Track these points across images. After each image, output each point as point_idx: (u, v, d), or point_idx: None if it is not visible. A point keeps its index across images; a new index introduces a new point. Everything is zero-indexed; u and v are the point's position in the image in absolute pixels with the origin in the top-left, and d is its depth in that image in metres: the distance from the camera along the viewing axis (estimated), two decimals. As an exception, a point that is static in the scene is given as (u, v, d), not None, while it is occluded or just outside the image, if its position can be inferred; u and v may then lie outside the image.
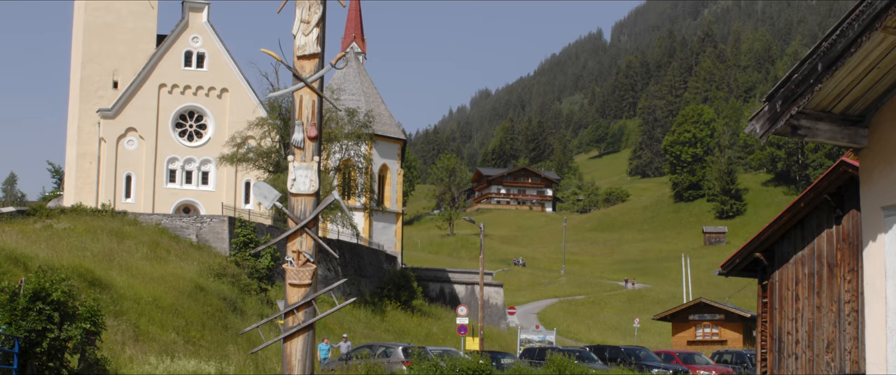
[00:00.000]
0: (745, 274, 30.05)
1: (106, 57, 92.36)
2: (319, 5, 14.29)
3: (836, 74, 13.27)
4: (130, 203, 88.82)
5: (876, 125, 14.04)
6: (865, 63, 13.31)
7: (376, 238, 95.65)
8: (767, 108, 13.91)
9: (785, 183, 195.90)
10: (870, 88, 13.77)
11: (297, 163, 14.21)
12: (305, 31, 14.29)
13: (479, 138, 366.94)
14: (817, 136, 14.03)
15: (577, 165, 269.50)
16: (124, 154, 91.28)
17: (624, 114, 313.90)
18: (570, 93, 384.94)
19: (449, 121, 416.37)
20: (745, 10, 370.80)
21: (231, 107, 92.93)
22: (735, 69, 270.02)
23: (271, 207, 15.01)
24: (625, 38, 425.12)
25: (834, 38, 13.11)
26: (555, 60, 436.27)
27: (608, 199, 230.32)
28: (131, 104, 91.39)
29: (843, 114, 14.09)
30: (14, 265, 40.91)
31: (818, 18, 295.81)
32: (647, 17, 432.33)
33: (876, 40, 12.95)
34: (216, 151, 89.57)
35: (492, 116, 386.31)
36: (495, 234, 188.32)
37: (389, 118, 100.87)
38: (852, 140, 14.16)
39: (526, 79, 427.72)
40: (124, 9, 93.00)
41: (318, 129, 14.20)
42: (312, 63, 14.29)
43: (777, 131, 13.88)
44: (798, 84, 13.54)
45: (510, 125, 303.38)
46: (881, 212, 13.89)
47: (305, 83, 14.19)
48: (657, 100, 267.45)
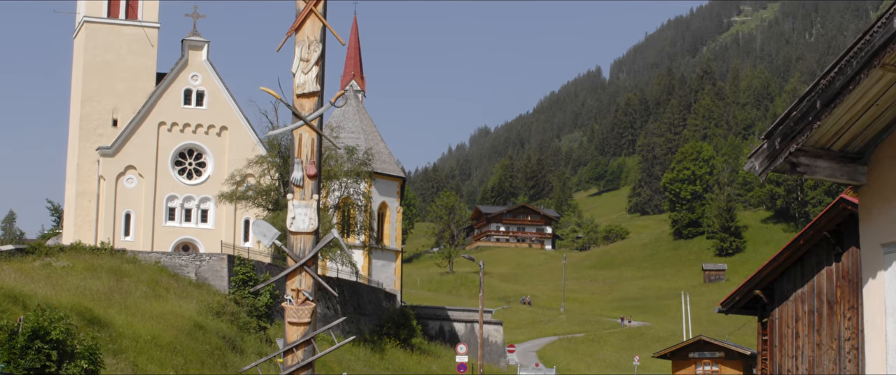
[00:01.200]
0: (744, 311, 30.00)
1: (105, 95, 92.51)
2: (319, 44, 14.33)
3: (834, 112, 13.28)
4: (130, 241, 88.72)
5: (875, 162, 14.04)
6: (864, 100, 13.32)
7: (376, 276, 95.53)
8: (766, 146, 13.92)
9: (784, 220, 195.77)
10: (868, 125, 13.78)
11: (297, 201, 14.20)
12: (305, 69, 14.31)
13: (478, 176, 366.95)
14: (816, 174, 14.03)
15: (576, 203, 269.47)
16: (123, 192, 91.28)
17: (623, 152, 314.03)
18: (569, 131, 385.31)
19: (448, 158, 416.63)
20: (743, 47, 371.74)
21: (230, 145, 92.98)
22: (734, 106, 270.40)
23: (271, 245, 15.01)
24: (624, 76, 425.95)
25: (832, 76, 13.13)
26: (554, 98, 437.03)
27: (608, 237, 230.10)
28: (131, 142, 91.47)
29: (842, 151, 14.10)
30: (13, 303, 40.81)
31: (816, 56, 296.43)
32: (646, 55, 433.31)
33: (874, 77, 12.97)
34: (215, 189, 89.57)
35: (491, 154, 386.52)
36: (495, 272, 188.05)
37: (389, 156, 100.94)
38: (851, 177, 14.16)
39: (525, 117, 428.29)
40: (124, 47, 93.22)
41: (317, 168, 14.20)
42: (312, 101, 14.30)
43: (776, 169, 13.89)
44: (797, 121, 13.56)
45: (509, 162, 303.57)
46: (881, 250, 13.88)
47: (305, 121, 14.20)
48: (656, 138, 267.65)
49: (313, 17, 14.39)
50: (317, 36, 14.37)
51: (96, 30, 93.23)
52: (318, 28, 14.39)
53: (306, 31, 14.40)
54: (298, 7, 14.46)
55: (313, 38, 14.36)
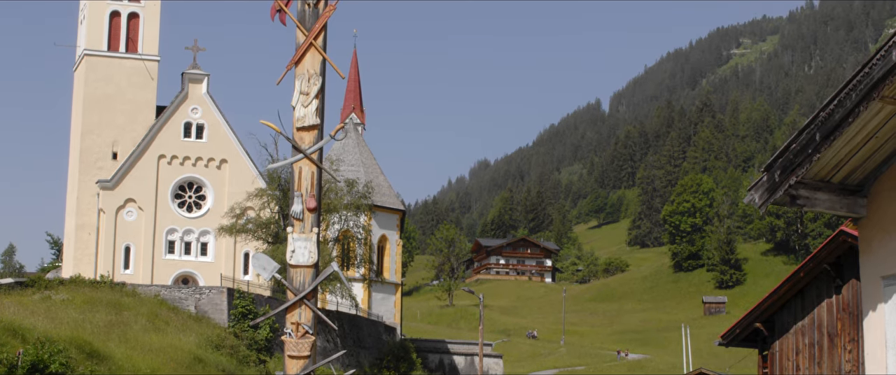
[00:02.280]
0: (745, 344, 29.93)
1: (105, 128, 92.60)
2: (319, 77, 14.35)
3: (834, 144, 13.29)
4: (129, 274, 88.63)
5: (875, 195, 14.04)
6: (863, 132, 13.33)
7: (375, 309, 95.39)
8: (766, 179, 13.92)
9: (784, 252, 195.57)
10: (868, 158, 13.78)
11: (296, 234, 14.19)
12: (305, 102, 14.33)
13: (478, 208, 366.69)
14: (816, 206, 14.03)
15: (576, 235, 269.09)
16: (123, 225, 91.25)
17: (623, 184, 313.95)
18: (568, 164, 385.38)
19: (448, 191, 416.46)
20: (743, 80, 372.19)
21: (230, 178, 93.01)
22: (733, 139, 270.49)
23: (270, 278, 14.99)
24: (623, 109, 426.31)
25: (832, 108, 13.15)
26: (553, 131, 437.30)
27: (607, 269, 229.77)
28: (130, 175, 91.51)
29: (842, 183, 14.10)
30: (12, 336, 40.74)
31: (816, 88, 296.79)
32: (646, 88, 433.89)
33: (874, 110, 12.99)
34: (215, 222, 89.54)
35: (491, 187, 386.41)
36: (494, 305, 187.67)
37: (388, 188, 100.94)
38: (851, 209, 14.16)
39: (525, 150, 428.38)
40: (124, 80, 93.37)
41: (317, 201, 14.20)
42: (311, 134, 14.31)
43: (776, 201, 13.89)
44: (796, 154, 13.56)
45: (509, 195, 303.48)
46: (881, 282, 13.86)
47: (304, 154, 14.21)
48: (656, 170, 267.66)
49: (313, 50, 14.42)
50: (317, 69, 14.39)
51: (96, 63, 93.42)
52: (318, 61, 14.42)
53: (306, 65, 14.43)
54: (298, 40, 14.49)
55: (313, 72, 14.38)
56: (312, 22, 14.52)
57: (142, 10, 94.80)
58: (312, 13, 14.55)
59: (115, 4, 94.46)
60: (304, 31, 14.50)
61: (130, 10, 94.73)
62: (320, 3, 14.59)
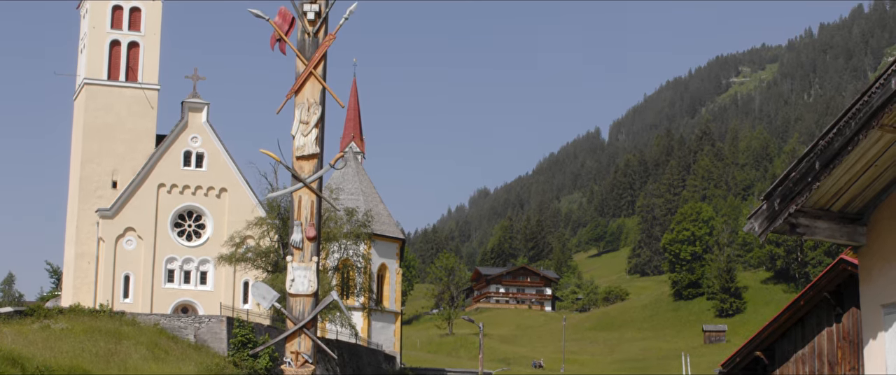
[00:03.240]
0: (745, 372, 29.86)
1: (105, 157, 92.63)
2: (318, 106, 14.37)
3: (833, 172, 13.29)
4: (129, 303, 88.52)
5: (874, 223, 14.04)
6: (863, 161, 13.33)
7: (375, 337, 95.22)
8: (766, 207, 13.92)
9: (784, 281, 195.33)
10: (868, 186, 13.78)
11: (296, 263, 14.19)
12: (304, 131, 14.35)
13: (477, 237, 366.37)
14: (816, 235, 14.02)
15: (576, 264, 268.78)
16: (123, 254, 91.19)
17: (622, 213, 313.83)
18: (568, 192, 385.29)
19: (448, 220, 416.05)
20: (742, 108, 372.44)
21: (230, 207, 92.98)
22: (733, 167, 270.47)
23: (270, 307, 14.98)
24: (623, 137, 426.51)
25: (831, 136, 13.15)
26: (553, 159, 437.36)
27: (607, 298, 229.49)
28: (130, 204, 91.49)
29: (842, 212, 14.09)
30: (12, 366, 40.68)
31: (815, 116, 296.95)
32: (645, 116, 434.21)
33: (873, 138, 12.99)
34: (215, 251, 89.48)
35: (490, 215, 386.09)
36: (494, 334, 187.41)
37: (388, 217, 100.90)
38: (851, 238, 14.15)
39: (524, 178, 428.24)
40: (124, 109, 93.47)
41: (316, 230, 14.20)
42: (311, 163, 14.33)
43: (776, 230, 13.88)
44: (796, 182, 13.56)
45: (509, 224, 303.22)
46: (881, 310, 13.84)
47: (304, 183, 14.21)
48: (656, 199, 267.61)
49: (313, 79, 14.45)
50: (316, 98, 14.42)
51: (96, 91, 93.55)
52: (318, 90, 14.44)
53: (306, 94, 14.46)
54: (298, 70, 14.52)
55: (313, 101, 14.41)
56: (312, 51, 14.56)
57: (142, 39, 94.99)
58: (312, 43, 14.59)
59: (115, 34, 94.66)
60: (304, 60, 14.53)
61: (130, 40, 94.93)
62: (320, 32, 14.63)
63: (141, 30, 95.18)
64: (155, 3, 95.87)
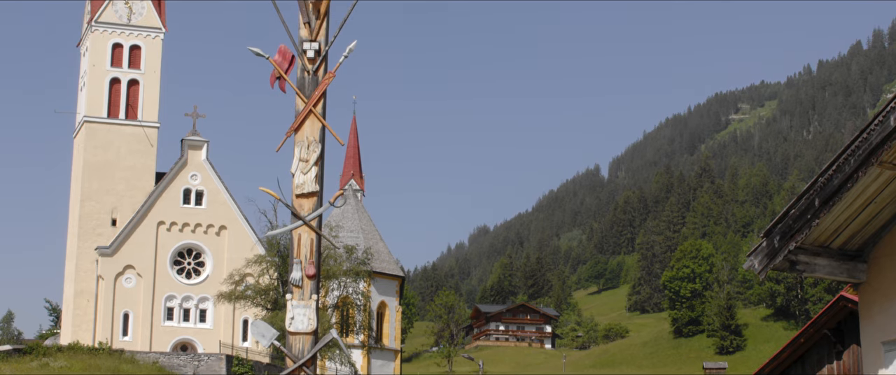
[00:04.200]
0: (747, 410, 29.81)
1: (105, 194, 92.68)
2: (318, 144, 14.37)
3: (833, 209, 13.29)
4: (128, 341, 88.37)
5: (874, 260, 14.03)
6: (862, 198, 13.34)
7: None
8: (765, 244, 13.91)
9: (784, 318, 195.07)
10: (867, 223, 13.78)
11: (296, 301, 14.16)
12: (304, 169, 14.34)
13: (477, 274, 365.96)
14: (816, 272, 14.01)
15: (575, 301, 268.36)
16: (122, 292, 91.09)
17: (622, 250, 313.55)
18: (568, 229, 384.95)
19: (448, 257, 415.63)
20: (741, 145, 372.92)
21: (229, 245, 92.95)
22: (733, 204, 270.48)
23: (269, 345, 14.93)
24: (622, 174, 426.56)
25: (830, 174, 13.16)
26: (553, 196, 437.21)
27: (607, 335, 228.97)
28: (130, 242, 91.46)
29: (842, 248, 14.09)
30: (9, 405, 40.56)
31: (814, 153, 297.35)
32: (645, 153, 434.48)
33: (872, 175, 13.00)
34: (214, 289, 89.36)
35: (490, 253, 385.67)
36: (494, 371, 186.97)
37: (388, 255, 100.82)
38: (851, 275, 14.14)
39: (524, 216, 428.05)
40: (124, 147, 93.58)
41: (316, 268, 14.18)
42: (311, 201, 14.32)
43: (775, 267, 13.87)
44: (795, 219, 13.56)
45: (509, 261, 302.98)
46: (882, 347, 13.82)
47: (304, 221, 14.20)
48: (655, 236, 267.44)
49: (312, 117, 14.46)
50: (316, 136, 14.43)
51: (96, 129, 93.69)
52: (318, 128, 14.45)
53: (306, 132, 14.46)
54: (298, 107, 14.54)
55: (312, 139, 14.41)
56: (312, 89, 14.57)
57: (142, 77, 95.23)
58: (312, 80, 14.61)
59: (115, 71, 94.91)
60: (304, 98, 14.55)
61: (130, 78, 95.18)
62: (319, 70, 14.66)
63: (141, 68, 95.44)
64: (155, 42, 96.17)
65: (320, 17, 14.81)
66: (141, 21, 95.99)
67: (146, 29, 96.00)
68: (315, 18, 14.78)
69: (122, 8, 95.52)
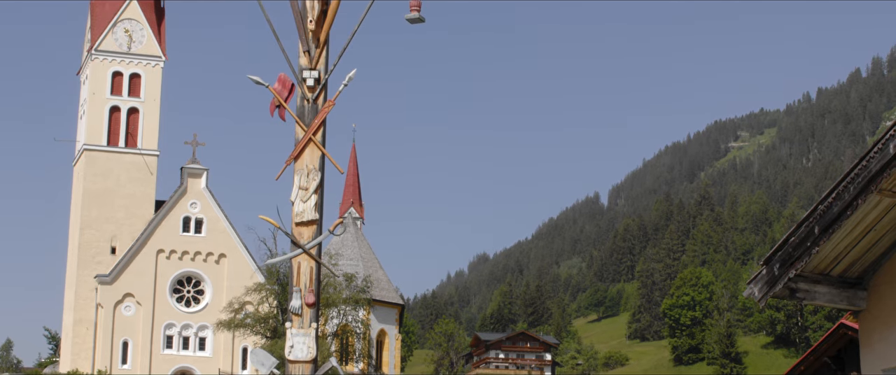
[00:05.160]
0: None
1: (104, 222, 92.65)
2: (318, 172, 14.38)
3: (833, 237, 13.29)
4: (127, 369, 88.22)
5: (874, 287, 14.02)
6: (862, 225, 13.34)
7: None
8: (765, 272, 13.90)
9: (785, 345, 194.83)
10: (867, 250, 13.78)
11: (295, 329, 14.15)
12: (303, 197, 14.35)
13: (477, 302, 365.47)
14: (816, 299, 14.00)
15: (575, 329, 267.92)
16: (121, 320, 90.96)
17: (622, 278, 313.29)
18: (567, 257, 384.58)
19: (447, 285, 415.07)
20: (741, 172, 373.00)
21: (229, 273, 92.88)
22: (732, 232, 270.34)
23: (269, 374, 14.92)
24: (622, 202, 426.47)
25: (830, 201, 13.16)
26: (552, 224, 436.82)
27: (608, 363, 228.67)
28: (129, 270, 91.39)
29: (842, 276, 14.08)
30: (8, 433, 40.49)
31: (814, 181, 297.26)
32: (644, 181, 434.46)
33: (872, 203, 13.00)
34: (213, 317, 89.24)
35: (490, 280, 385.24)
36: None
37: (387, 283, 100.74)
38: (851, 302, 14.13)
39: (524, 243, 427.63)
40: (123, 175, 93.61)
41: (316, 296, 14.17)
42: (310, 229, 14.32)
43: (775, 295, 13.86)
44: (795, 247, 13.56)
45: (508, 289, 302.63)
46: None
47: (303, 250, 14.20)
48: (655, 264, 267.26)
49: (312, 145, 14.47)
50: (316, 164, 14.44)
51: (96, 157, 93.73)
52: (317, 157, 14.47)
53: (305, 160, 14.48)
54: (297, 136, 14.55)
55: (312, 167, 14.42)
56: (311, 117, 14.59)
57: (141, 105, 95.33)
58: (311, 109, 14.63)
59: (115, 100, 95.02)
60: (304, 126, 14.56)
61: (130, 106, 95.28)
62: (319, 98, 14.68)
63: (141, 96, 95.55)
64: (155, 70, 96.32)
65: (320, 45, 14.84)
66: (141, 49, 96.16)
67: (146, 57, 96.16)
68: (315, 47, 14.81)
69: (123, 36, 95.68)
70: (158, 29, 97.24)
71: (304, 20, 14.81)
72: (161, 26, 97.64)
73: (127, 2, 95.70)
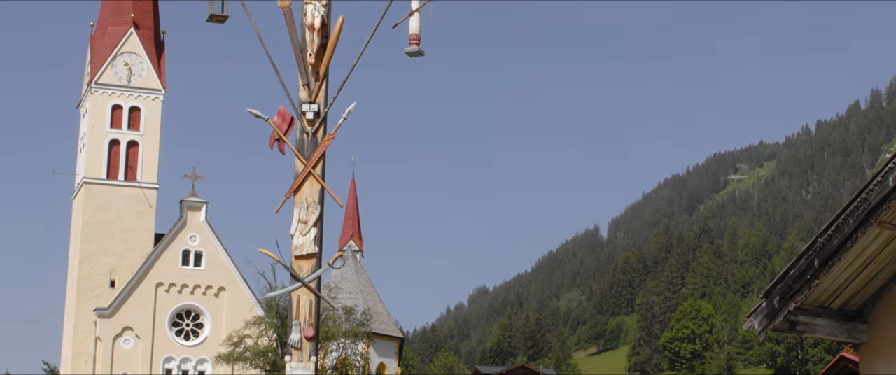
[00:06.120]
0: None
1: (104, 256, 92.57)
2: (317, 205, 14.39)
3: (832, 270, 13.28)
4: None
5: (874, 320, 14.01)
6: (862, 258, 13.34)
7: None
8: (765, 305, 13.90)
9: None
10: (867, 283, 13.77)
11: (295, 362, 14.13)
12: (303, 230, 14.35)
13: (476, 335, 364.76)
14: (816, 332, 13.99)
15: (575, 362, 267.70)
16: (120, 353, 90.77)
17: (622, 311, 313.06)
18: (567, 290, 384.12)
19: (447, 318, 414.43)
20: (740, 205, 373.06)
21: (228, 306, 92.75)
22: (732, 264, 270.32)
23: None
24: (621, 235, 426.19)
25: (830, 234, 13.16)
26: (552, 257, 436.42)
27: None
28: (128, 303, 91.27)
29: (842, 309, 14.07)
30: None
31: (813, 213, 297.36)
32: (644, 214, 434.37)
33: (871, 235, 13.00)
34: (213, 350, 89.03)
35: (490, 313, 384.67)
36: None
37: (387, 316, 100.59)
38: (851, 335, 14.11)
39: (523, 276, 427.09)
40: (123, 208, 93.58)
41: (315, 329, 14.17)
42: (310, 263, 14.32)
43: (775, 327, 13.85)
44: (795, 280, 13.55)
45: (508, 322, 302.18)
46: (883, 409, 13.76)
47: (303, 283, 14.19)
48: (655, 297, 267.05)
49: (312, 179, 14.49)
50: (315, 198, 14.45)
51: (95, 191, 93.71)
52: (317, 190, 14.48)
53: (305, 193, 14.49)
54: (297, 169, 14.57)
55: (312, 200, 14.43)
56: (311, 151, 14.61)
57: (141, 138, 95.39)
58: (311, 142, 14.65)
59: (114, 133, 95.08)
60: (303, 159, 14.58)
61: (130, 139, 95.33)
62: (319, 132, 14.70)
63: (140, 129, 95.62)
64: (155, 103, 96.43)
65: (319, 79, 14.88)
66: (141, 82, 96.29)
67: (146, 90, 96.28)
68: (314, 80, 14.85)
69: (122, 69, 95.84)
70: (158, 62, 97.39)
71: (304, 54, 14.85)
72: (161, 59, 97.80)
73: (127, 35, 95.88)
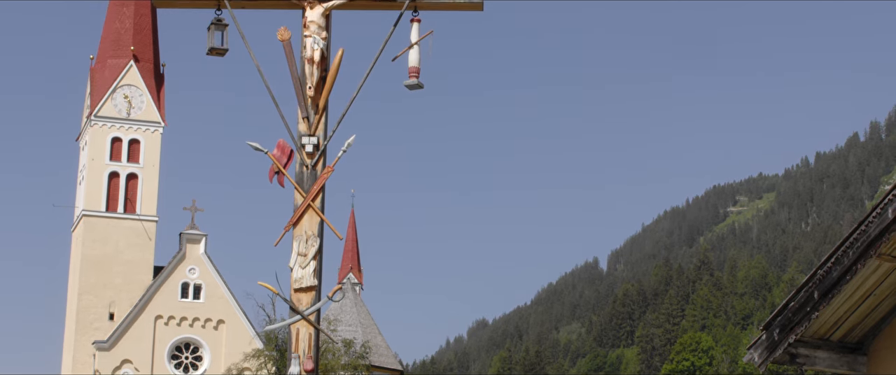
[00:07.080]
0: None
1: (103, 288, 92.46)
2: (317, 238, 14.39)
3: (832, 302, 13.28)
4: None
5: (874, 352, 13.99)
6: (862, 290, 13.33)
7: None
8: (765, 337, 13.88)
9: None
10: (867, 315, 13.76)
11: (294, 395, 14.08)
12: (302, 263, 14.34)
13: (476, 368, 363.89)
14: (816, 364, 13.97)
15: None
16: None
17: (622, 343, 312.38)
18: (567, 323, 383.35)
19: (446, 351, 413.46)
20: (740, 237, 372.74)
21: (227, 339, 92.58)
22: (732, 296, 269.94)
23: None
24: (621, 267, 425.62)
25: (829, 266, 13.16)
26: (551, 289, 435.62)
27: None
28: (127, 336, 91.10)
29: (842, 341, 14.06)
30: None
31: (813, 245, 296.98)
32: (643, 246, 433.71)
33: (871, 267, 13.00)
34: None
35: (489, 346, 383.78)
36: None
37: (386, 349, 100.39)
38: (851, 367, 14.09)
39: (523, 309, 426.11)
40: (122, 241, 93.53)
41: (314, 362, 14.13)
42: (309, 295, 14.30)
43: (775, 360, 13.83)
44: (795, 312, 13.54)
45: (508, 355, 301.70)
46: (884, 441, 13.72)
47: (302, 316, 14.17)
48: (655, 329, 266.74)
49: (311, 211, 14.49)
50: (315, 230, 14.44)
51: (94, 223, 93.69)
52: (316, 223, 14.47)
53: (304, 226, 14.48)
54: (296, 202, 14.57)
55: (311, 233, 14.43)
56: (310, 183, 14.61)
57: (141, 170, 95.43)
58: (310, 175, 14.66)
59: (114, 165, 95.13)
60: (303, 192, 14.58)
61: (129, 171, 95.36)
62: (318, 164, 14.71)
63: (140, 161, 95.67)
64: (154, 136, 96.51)
65: (319, 111, 14.90)
66: (140, 115, 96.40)
67: (145, 123, 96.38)
68: (314, 113, 14.87)
69: (122, 102, 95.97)
70: (158, 95, 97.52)
71: (303, 86, 14.87)
72: (160, 92, 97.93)
73: (127, 68, 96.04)
